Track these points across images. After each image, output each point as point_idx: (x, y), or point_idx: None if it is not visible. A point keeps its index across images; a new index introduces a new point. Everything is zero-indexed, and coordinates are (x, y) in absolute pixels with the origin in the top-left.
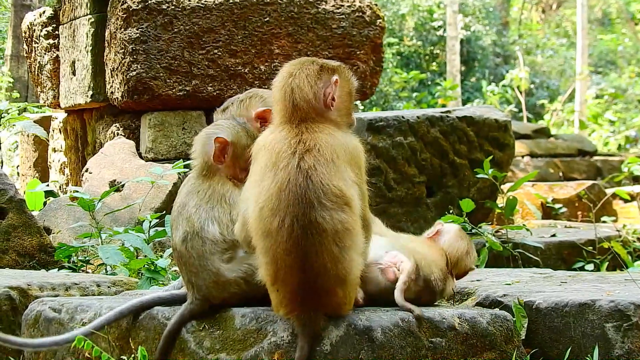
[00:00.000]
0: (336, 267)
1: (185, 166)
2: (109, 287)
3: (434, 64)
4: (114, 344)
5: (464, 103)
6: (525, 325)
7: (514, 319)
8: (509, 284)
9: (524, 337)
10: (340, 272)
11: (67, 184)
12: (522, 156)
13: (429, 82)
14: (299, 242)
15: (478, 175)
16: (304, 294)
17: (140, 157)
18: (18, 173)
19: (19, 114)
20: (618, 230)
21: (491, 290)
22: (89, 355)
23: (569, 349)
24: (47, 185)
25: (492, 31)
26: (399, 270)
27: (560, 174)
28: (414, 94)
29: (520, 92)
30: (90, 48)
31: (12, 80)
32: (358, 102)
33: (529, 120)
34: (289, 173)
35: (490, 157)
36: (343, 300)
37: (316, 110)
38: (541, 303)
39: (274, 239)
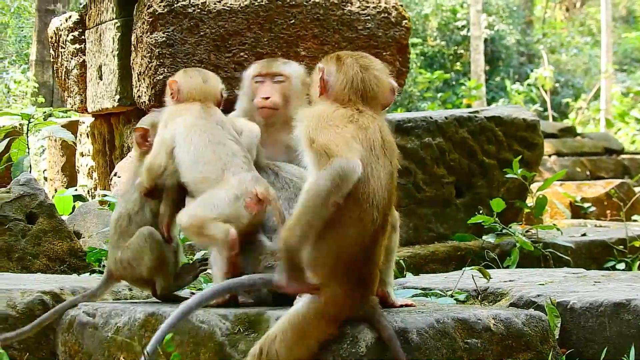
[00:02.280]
0: (379, 261)
1: None
2: (141, 291)
3: (458, 63)
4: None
5: (488, 103)
6: (559, 325)
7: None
8: (543, 284)
9: (558, 337)
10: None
11: (95, 188)
12: (549, 155)
13: (453, 82)
14: (376, 239)
15: (507, 175)
16: (365, 287)
17: None
18: (45, 178)
19: (44, 120)
20: None
21: (525, 290)
22: (123, 359)
23: (605, 349)
24: (76, 190)
25: (516, 30)
26: None
27: (587, 172)
28: (439, 94)
29: (545, 91)
30: (117, 52)
31: (37, 85)
32: None
33: (554, 119)
34: (386, 173)
35: (520, 157)
36: None
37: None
38: (576, 303)
39: (360, 229)
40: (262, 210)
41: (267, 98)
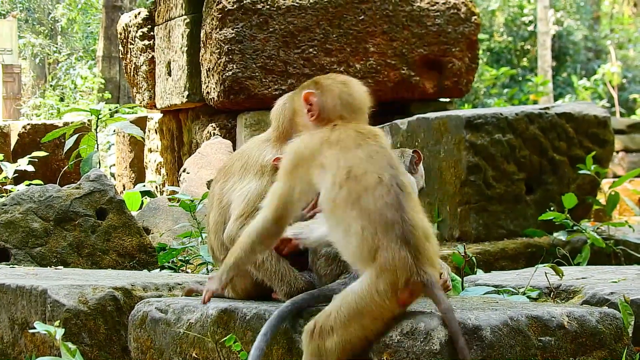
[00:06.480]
0: (423, 223)
1: None
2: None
3: (525, 59)
4: (220, 345)
5: (555, 99)
6: (632, 323)
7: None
8: (616, 282)
9: (632, 336)
10: (426, 227)
11: (163, 185)
12: (617, 152)
13: (520, 78)
14: (398, 197)
15: (580, 172)
16: (412, 247)
17: None
18: (112, 174)
19: (110, 116)
20: None
21: (598, 288)
22: (195, 356)
23: None
24: (144, 186)
25: (583, 26)
26: None
27: None
28: (505, 90)
29: (613, 87)
30: (186, 48)
31: (103, 81)
32: (448, 99)
33: (621, 115)
34: (375, 146)
35: (592, 154)
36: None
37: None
38: None
39: (373, 194)
40: None
41: None
